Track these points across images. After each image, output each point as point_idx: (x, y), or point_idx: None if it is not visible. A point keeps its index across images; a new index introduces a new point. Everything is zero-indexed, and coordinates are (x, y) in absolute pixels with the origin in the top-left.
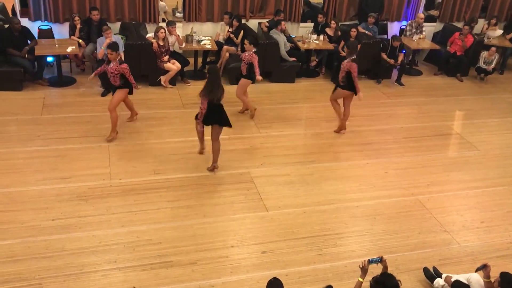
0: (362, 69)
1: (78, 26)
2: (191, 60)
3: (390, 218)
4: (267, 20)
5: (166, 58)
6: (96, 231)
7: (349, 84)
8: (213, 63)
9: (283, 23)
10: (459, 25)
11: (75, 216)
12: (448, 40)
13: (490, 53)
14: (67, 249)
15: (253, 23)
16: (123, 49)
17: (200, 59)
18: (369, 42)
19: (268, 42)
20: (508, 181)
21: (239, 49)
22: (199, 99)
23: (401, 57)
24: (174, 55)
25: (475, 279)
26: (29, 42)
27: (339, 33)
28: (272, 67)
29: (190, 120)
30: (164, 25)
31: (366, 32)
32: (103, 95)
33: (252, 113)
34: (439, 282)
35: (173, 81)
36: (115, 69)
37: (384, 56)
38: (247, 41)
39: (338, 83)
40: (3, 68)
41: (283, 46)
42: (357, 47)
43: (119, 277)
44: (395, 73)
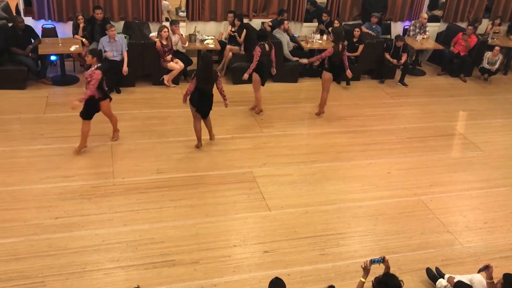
0: (366, 69)
1: (82, 25)
2: (194, 60)
3: (392, 218)
4: (270, 19)
5: (169, 57)
6: (99, 230)
7: (330, 67)
8: (216, 62)
9: (286, 22)
10: (463, 25)
11: (78, 215)
12: (452, 40)
13: (494, 53)
14: (70, 247)
15: (256, 23)
16: (127, 48)
17: None
18: (372, 42)
19: (271, 41)
20: None
21: (242, 48)
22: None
23: (404, 57)
24: (177, 54)
25: (478, 280)
26: (32, 41)
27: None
28: (275, 67)
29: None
30: (167, 24)
31: (370, 32)
32: None
33: (258, 110)
34: (441, 282)
35: (176, 80)
36: (89, 74)
37: (387, 56)
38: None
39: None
40: (7, 66)
41: (286, 46)
42: (342, 33)
43: (121, 275)
44: (398, 73)
